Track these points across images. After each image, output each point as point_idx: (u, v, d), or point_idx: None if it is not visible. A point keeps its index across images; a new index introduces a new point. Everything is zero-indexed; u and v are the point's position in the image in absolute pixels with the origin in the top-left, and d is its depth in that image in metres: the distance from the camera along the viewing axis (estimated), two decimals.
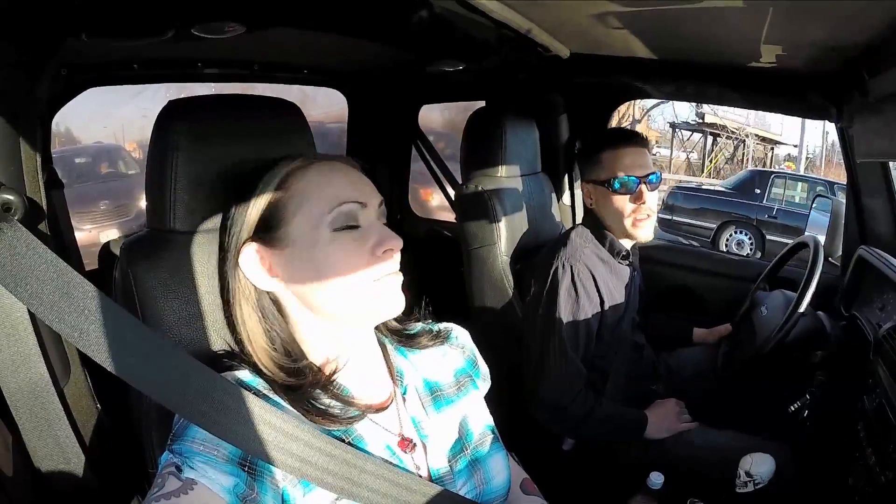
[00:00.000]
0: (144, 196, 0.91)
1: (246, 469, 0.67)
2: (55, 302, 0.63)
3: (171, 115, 0.86)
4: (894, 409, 1.09)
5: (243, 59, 1.83)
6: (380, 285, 0.77)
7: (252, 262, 0.77)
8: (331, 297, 0.77)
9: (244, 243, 0.77)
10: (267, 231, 0.77)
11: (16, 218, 0.69)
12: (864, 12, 0.94)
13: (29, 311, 0.79)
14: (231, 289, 0.80)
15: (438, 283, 0.91)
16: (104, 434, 0.95)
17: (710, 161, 18.20)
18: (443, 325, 1.00)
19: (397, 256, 0.79)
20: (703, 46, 1.39)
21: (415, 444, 0.83)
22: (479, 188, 1.82)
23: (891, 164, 1.71)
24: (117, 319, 0.66)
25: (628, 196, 1.58)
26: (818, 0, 0.91)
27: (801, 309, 1.46)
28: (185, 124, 0.86)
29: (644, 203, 1.58)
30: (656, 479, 1.21)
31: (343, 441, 0.75)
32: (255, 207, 0.77)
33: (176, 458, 0.66)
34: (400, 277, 0.80)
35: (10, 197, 0.72)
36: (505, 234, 1.80)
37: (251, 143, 0.90)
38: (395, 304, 0.79)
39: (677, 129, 18.50)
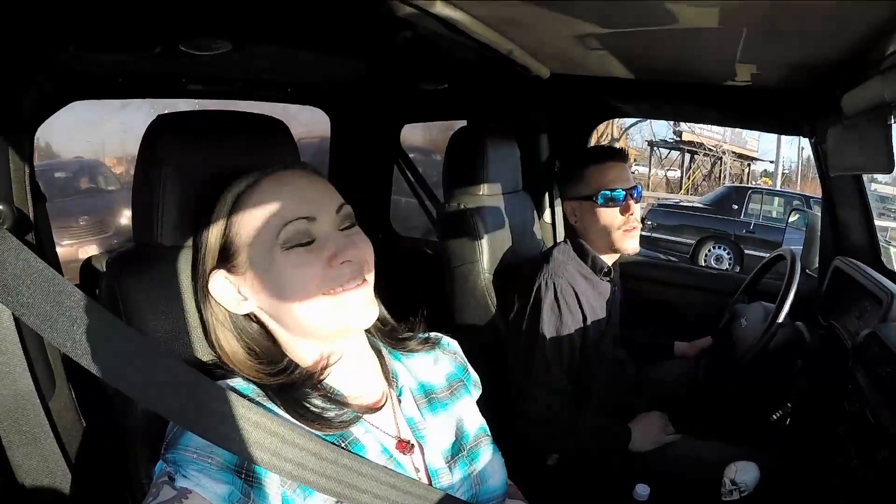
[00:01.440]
0: (124, 212, 0.91)
1: (242, 476, 0.67)
2: (46, 311, 0.62)
3: (160, 129, 0.86)
4: (874, 412, 1.12)
5: (228, 75, 1.84)
6: (340, 298, 0.75)
7: (222, 288, 0.78)
8: (296, 315, 0.76)
9: (211, 272, 0.78)
10: (228, 259, 0.77)
11: (5, 227, 0.68)
12: (836, 32, 0.97)
13: (15, 323, 0.79)
14: (204, 316, 0.80)
15: (421, 301, 0.92)
16: (89, 449, 0.94)
17: (688, 178, 18.45)
18: (433, 333, 1.00)
19: (360, 266, 0.77)
20: (680, 66, 1.42)
21: (412, 446, 0.83)
22: (461, 206, 1.83)
23: (864, 176, 1.75)
24: (109, 327, 0.65)
25: (617, 209, 1.59)
26: (790, 21, 0.94)
27: (780, 319, 1.48)
28: (174, 139, 0.86)
29: (632, 214, 1.60)
30: (642, 490, 1.22)
31: (339, 446, 0.75)
32: (214, 236, 0.77)
33: (169, 468, 0.65)
34: (365, 287, 0.77)
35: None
36: (487, 252, 1.79)
37: (239, 158, 0.90)
38: (361, 315, 0.77)
39: (655, 147, 18.70)
